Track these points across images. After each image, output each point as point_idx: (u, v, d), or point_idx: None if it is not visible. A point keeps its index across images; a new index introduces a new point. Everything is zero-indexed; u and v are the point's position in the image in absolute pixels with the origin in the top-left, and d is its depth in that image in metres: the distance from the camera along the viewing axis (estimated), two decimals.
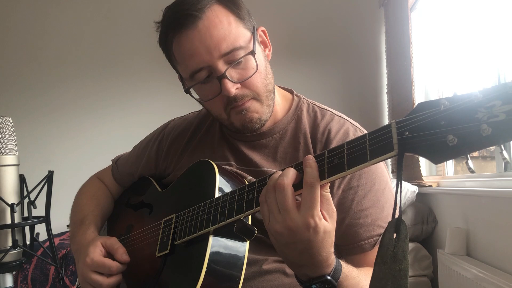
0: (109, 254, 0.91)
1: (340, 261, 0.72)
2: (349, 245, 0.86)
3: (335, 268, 0.70)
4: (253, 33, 0.88)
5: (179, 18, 0.84)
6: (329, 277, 0.68)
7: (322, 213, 0.64)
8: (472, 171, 0.46)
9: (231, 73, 0.84)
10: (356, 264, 0.79)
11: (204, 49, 0.82)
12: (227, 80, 0.83)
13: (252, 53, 0.85)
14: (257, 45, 0.88)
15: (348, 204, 0.86)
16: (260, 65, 0.87)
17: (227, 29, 0.83)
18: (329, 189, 0.66)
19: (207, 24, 0.82)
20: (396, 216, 0.56)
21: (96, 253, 0.90)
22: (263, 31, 0.94)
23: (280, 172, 0.66)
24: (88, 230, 1.01)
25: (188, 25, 0.82)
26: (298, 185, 0.65)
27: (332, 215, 0.66)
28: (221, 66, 0.83)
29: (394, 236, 0.55)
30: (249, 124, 0.89)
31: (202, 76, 0.85)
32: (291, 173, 0.65)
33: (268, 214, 0.66)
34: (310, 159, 0.64)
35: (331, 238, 0.66)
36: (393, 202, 0.88)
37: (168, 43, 0.88)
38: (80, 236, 1.01)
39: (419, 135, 0.52)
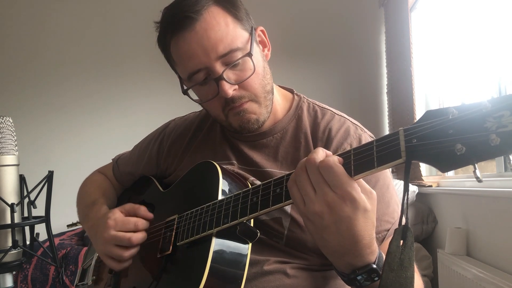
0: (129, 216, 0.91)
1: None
2: None
3: (379, 256, 0.67)
4: (251, 34, 0.88)
5: (177, 20, 0.84)
6: (374, 266, 0.65)
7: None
8: (480, 181, 0.46)
9: (229, 74, 0.84)
10: None
11: (201, 50, 0.82)
12: (224, 82, 0.83)
13: (250, 54, 0.85)
14: (255, 46, 0.87)
15: None
16: (257, 66, 0.86)
17: (225, 31, 0.83)
18: None
19: (204, 26, 0.82)
20: (403, 223, 0.56)
21: (117, 213, 0.90)
22: (262, 30, 0.94)
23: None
24: (102, 207, 1.02)
25: (186, 27, 0.82)
26: None
27: (371, 195, 0.63)
28: (219, 67, 0.83)
29: (401, 243, 0.55)
30: (247, 125, 0.89)
31: (200, 78, 0.86)
32: (320, 151, 0.63)
33: (301, 197, 0.63)
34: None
35: (372, 221, 0.63)
36: (397, 199, 0.88)
37: (166, 45, 0.88)
38: (94, 213, 1.00)
39: (427, 143, 0.52)
